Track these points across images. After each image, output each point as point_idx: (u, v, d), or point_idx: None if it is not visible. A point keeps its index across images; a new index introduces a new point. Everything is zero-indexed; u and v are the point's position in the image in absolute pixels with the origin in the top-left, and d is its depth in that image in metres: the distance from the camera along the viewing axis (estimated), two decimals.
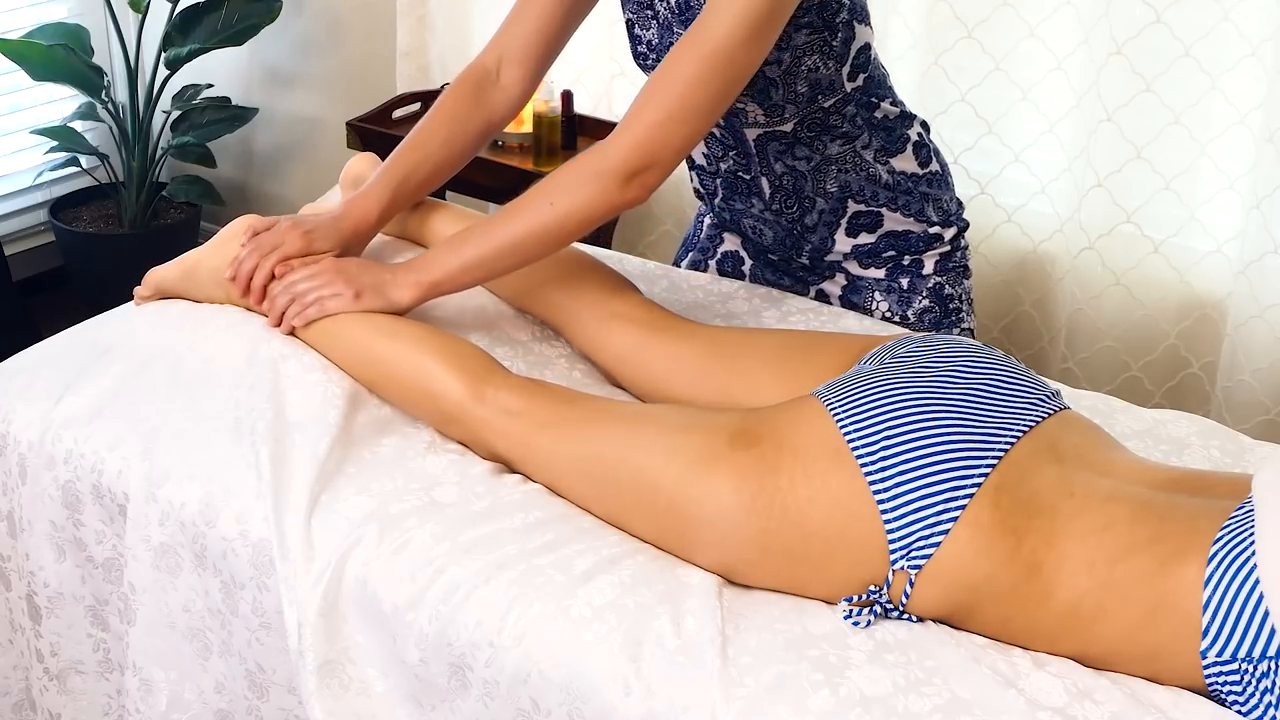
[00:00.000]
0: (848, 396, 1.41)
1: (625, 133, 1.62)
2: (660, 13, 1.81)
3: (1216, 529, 1.27)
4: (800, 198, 1.90)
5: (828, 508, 1.35)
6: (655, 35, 1.83)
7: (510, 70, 1.85)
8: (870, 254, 1.93)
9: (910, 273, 1.94)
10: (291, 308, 1.65)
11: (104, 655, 1.64)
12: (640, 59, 1.88)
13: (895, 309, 1.94)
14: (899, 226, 1.92)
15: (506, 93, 1.85)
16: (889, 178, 1.89)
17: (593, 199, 1.62)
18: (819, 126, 1.83)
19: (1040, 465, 1.36)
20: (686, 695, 1.27)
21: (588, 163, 1.63)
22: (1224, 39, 2.34)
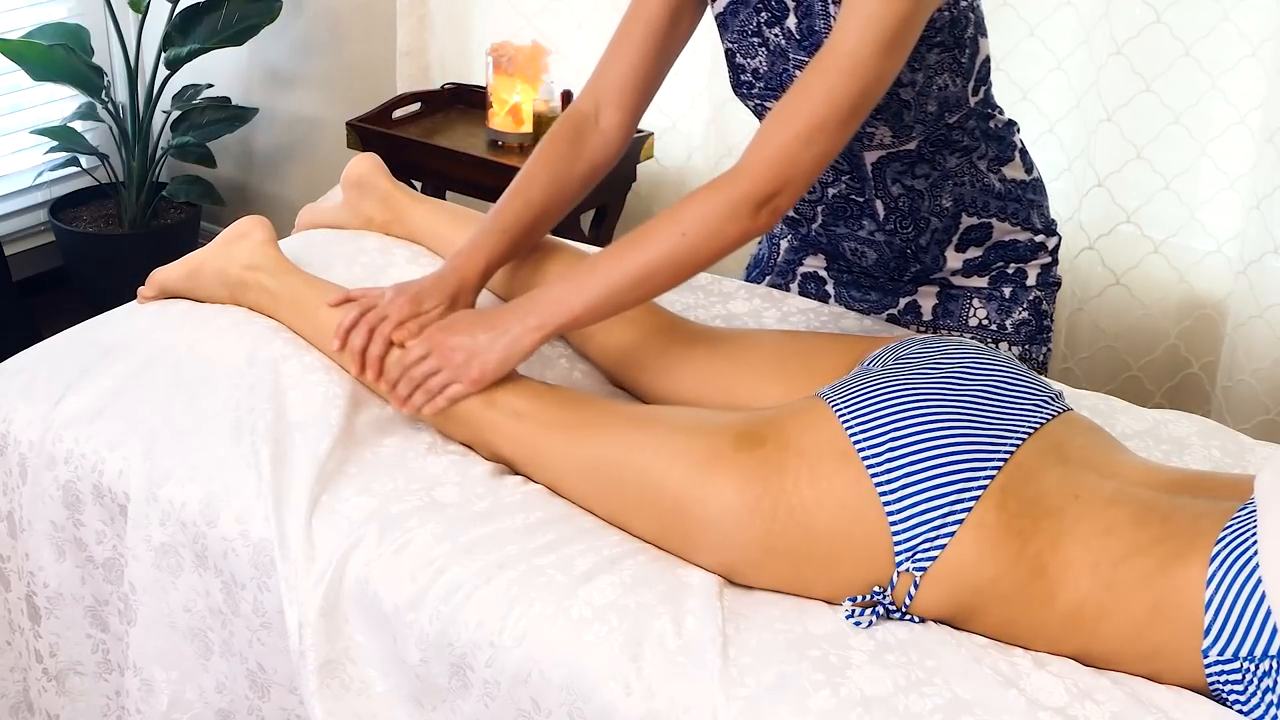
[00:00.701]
0: (853, 398, 1.41)
1: (756, 156, 1.56)
2: (771, 40, 1.76)
3: (1219, 529, 1.28)
4: (916, 218, 1.85)
5: (833, 509, 1.35)
6: (764, 63, 1.78)
7: (609, 113, 1.78)
8: (978, 265, 1.90)
9: (1014, 282, 1.90)
10: (417, 396, 1.55)
11: (103, 656, 1.64)
12: (744, 88, 1.82)
13: (994, 318, 1.90)
14: (1007, 236, 1.89)
15: (606, 136, 1.78)
16: (1001, 186, 1.87)
17: (726, 228, 1.55)
18: (941, 142, 1.80)
19: (1046, 467, 1.36)
20: (687, 695, 1.27)
21: (719, 192, 1.56)
22: (1224, 39, 2.34)
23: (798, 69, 1.74)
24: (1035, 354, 1.94)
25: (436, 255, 1.91)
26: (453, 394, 1.54)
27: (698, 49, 2.82)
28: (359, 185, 1.99)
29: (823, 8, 1.69)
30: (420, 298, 1.63)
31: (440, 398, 1.54)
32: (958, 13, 1.70)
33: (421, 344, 1.57)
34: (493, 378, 1.54)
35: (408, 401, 1.56)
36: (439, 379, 1.55)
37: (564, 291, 1.56)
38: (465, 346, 1.54)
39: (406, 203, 1.96)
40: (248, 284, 1.74)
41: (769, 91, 1.79)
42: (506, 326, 1.55)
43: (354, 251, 1.90)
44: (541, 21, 3.00)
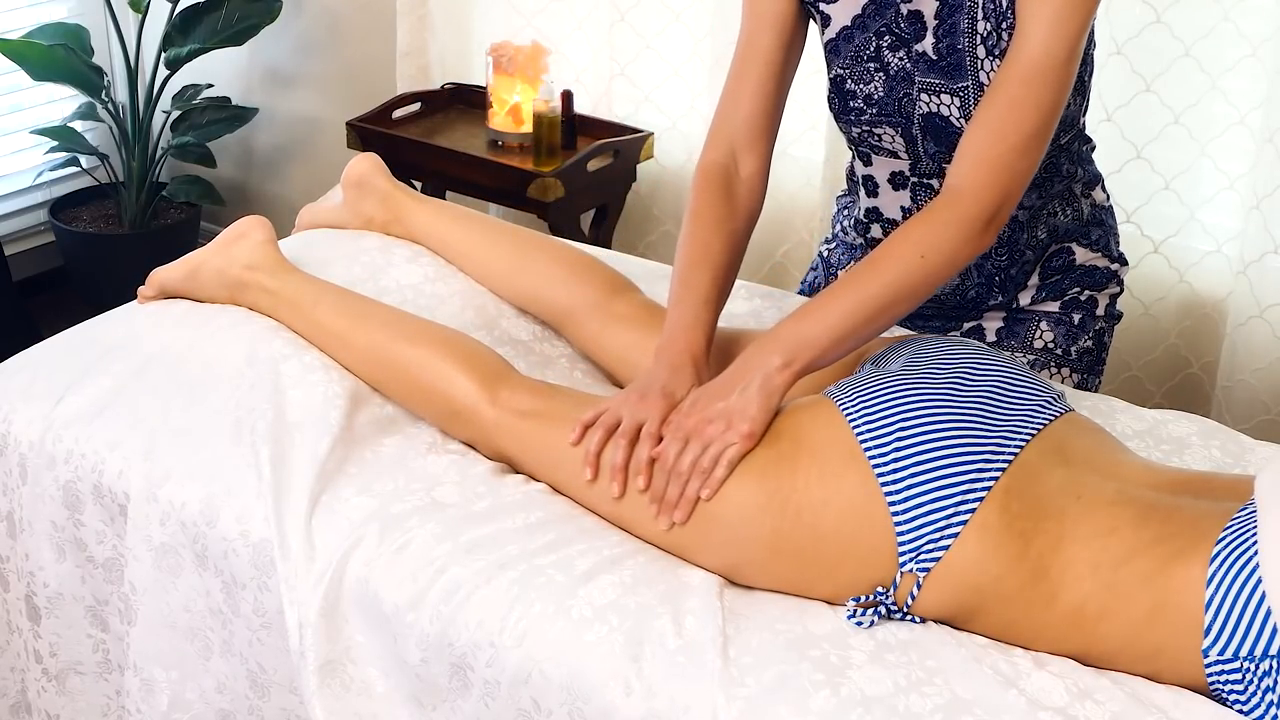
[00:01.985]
0: (860, 397, 1.41)
1: (975, 174, 1.55)
2: (892, 65, 1.72)
3: (1219, 530, 1.28)
4: (1013, 248, 1.83)
5: (841, 511, 1.35)
6: (881, 88, 1.74)
7: (746, 160, 1.73)
8: (1053, 288, 1.88)
9: (1085, 310, 1.88)
10: (691, 484, 1.41)
11: (103, 656, 1.64)
12: (852, 114, 1.78)
13: (1060, 342, 1.88)
14: (1088, 262, 1.88)
15: (750, 182, 1.73)
16: (1090, 212, 1.86)
17: (961, 249, 1.54)
18: (1052, 167, 1.78)
19: (1049, 468, 1.36)
20: (687, 695, 1.27)
21: (946, 214, 1.54)
22: (1224, 39, 2.34)
23: (924, 93, 1.71)
24: (1090, 384, 1.92)
25: (437, 255, 1.91)
26: (730, 458, 1.41)
27: (698, 50, 2.83)
28: (359, 185, 1.98)
29: (969, 25, 1.66)
30: (670, 389, 1.51)
31: (719, 469, 1.41)
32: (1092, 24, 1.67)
33: (674, 439, 1.44)
34: (763, 425, 1.43)
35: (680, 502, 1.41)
36: (708, 456, 1.41)
37: (804, 325, 1.50)
38: (720, 413, 1.44)
39: (406, 203, 1.96)
40: (247, 284, 1.74)
41: (882, 117, 1.75)
42: (752, 375, 1.47)
43: (354, 251, 1.90)
44: (541, 21, 3.00)
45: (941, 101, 1.70)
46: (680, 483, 1.41)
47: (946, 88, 1.69)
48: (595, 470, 1.46)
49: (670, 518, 1.42)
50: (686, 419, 1.45)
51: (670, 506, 1.42)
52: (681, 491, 1.41)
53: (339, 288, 1.73)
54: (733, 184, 1.72)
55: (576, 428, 1.49)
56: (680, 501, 1.41)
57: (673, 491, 1.42)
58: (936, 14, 1.67)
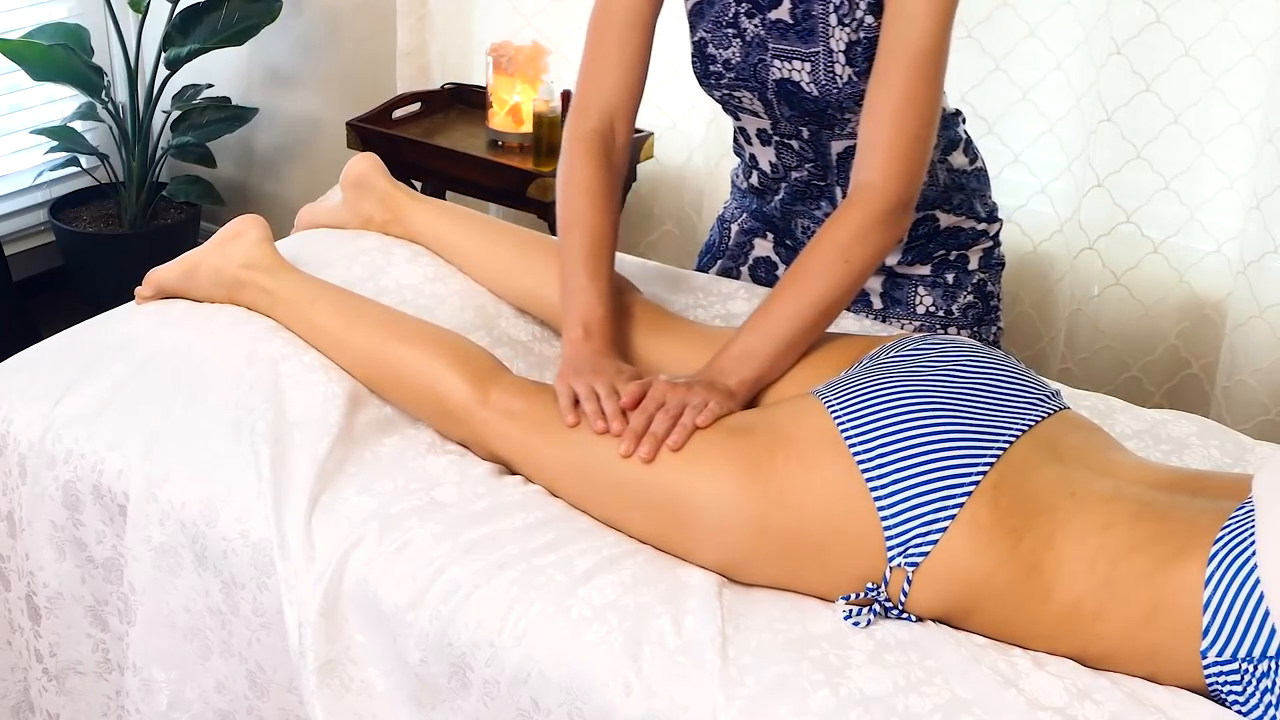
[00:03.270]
0: (845, 393, 1.41)
1: (883, 168, 1.60)
2: (748, 30, 1.78)
3: (1217, 529, 1.28)
4: None
5: (824, 496, 1.35)
6: (738, 54, 1.80)
7: (622, 127, 1.79)
8: (919, 252, 1.94)
9: (956, 268, 1.94)
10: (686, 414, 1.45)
11: (103, 655, 1.64)
12: (712, 78, 1.84)
13: (940, 304, 1.94)
14: (950, 224, 1.92)
15: (624, 152, 1.79)
16: (946, 177, 1.89)
17: (883, 242, 1.61)
18: None
19: (1040, 464, 1.36)
20: (687, 695, 1.27)
21: (863, 212, 1.60)
22: (1224, 39, 2.34)
23: (776, 59, 1.77)
24: (985, 335, 1.97)
25: (436, 255, 1.91)
26: (713, 410, 1.46)
27: None
28: (358, 185, 1.99)
29: None
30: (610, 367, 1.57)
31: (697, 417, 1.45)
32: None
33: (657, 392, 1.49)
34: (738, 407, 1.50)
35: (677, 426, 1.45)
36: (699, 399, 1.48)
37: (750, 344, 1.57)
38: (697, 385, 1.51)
39: (406, 202, 1.96)
40: (244, 283, 1.74)
41: (739, 82, 1.82)
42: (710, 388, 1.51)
43: (353, 251, 1.90)
44: (541, 21, 3.00)
45: (793, 68, 1.76)
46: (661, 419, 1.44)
47: (799, 54, 1.75)
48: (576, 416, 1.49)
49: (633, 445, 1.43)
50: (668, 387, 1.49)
51: (635, 436, 1.44)
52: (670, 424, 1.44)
53: (335, 287, 1.73)
54: (610, 154, 1.77)
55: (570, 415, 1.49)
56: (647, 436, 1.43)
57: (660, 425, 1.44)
58: None
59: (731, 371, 1.55)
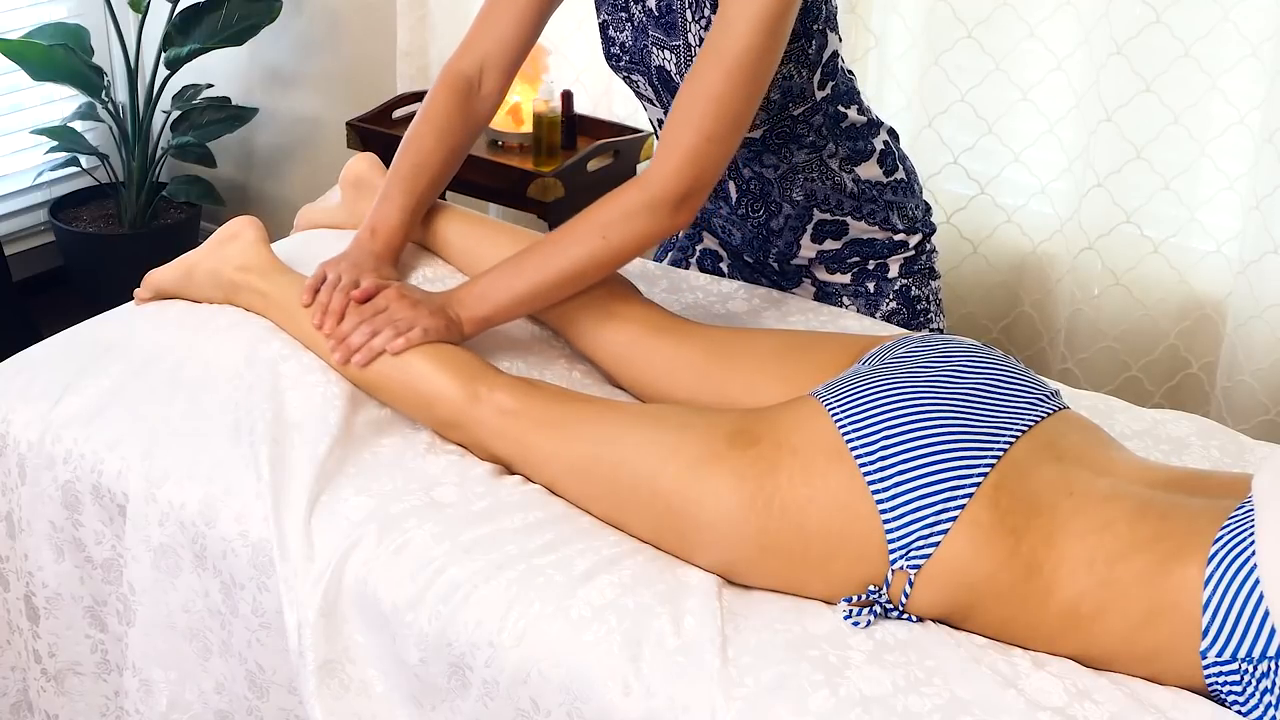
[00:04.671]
0: (846, 397, 1.41)
1: (667, 160, 1.63)
2: (635, 16, 1.82)
3: (1216, 529, 1.27)
4: (767, 202, 1.92)
5: (827, 507, 1.35)
6: (629, 38, 1.84)
7: (492, 78, 1.86)
8: (835, 259, 1.96)
9: (876, 276, 1.96)
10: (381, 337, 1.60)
11: (102, 656, 1.64)
12: (613, 60, 1.90)
13: (865, 311, 1.96)
14: (864, 235, 1.94)
15: (489, 101, 1.87)
16: (854, 186, 1.91)
17: (646, 229, 1.64)
18: (786, 135, 1.85)
19: (1040, 464, 1.36)
20: (686, 695, 1.27)
21: (636, 195, 1.64)
22: (1224, 39, 2.34)
23: (655, 46, 1.80)
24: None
25: (434, 254, 1.91)
26: (414, 338, 1.59)
27: None
28: (357, 185, 1.98)
29: None
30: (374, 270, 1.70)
31: (400, 340, 1.59)
32: (810, 2, 1.74)
33: (384, 297, 1.63)
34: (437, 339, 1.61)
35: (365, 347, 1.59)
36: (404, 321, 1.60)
37: (493, 290, 1.66)
38: (415, 302, 1.62)
39: None
40: (239, 285, 1.74)
41: (634, 65, 1.86)
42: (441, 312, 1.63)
43: None
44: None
45: (664, 56, 1.81)
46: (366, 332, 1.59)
47: (666, 44, 1.79)
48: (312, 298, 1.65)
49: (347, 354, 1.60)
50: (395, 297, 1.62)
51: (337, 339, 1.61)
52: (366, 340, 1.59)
53: None
54: (470, 97, 1.85)
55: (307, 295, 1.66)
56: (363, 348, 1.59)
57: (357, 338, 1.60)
58: None
59: (466, 305, 1.64)
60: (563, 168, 2.76)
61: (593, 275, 1.67)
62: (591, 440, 1.48)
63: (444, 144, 1.83)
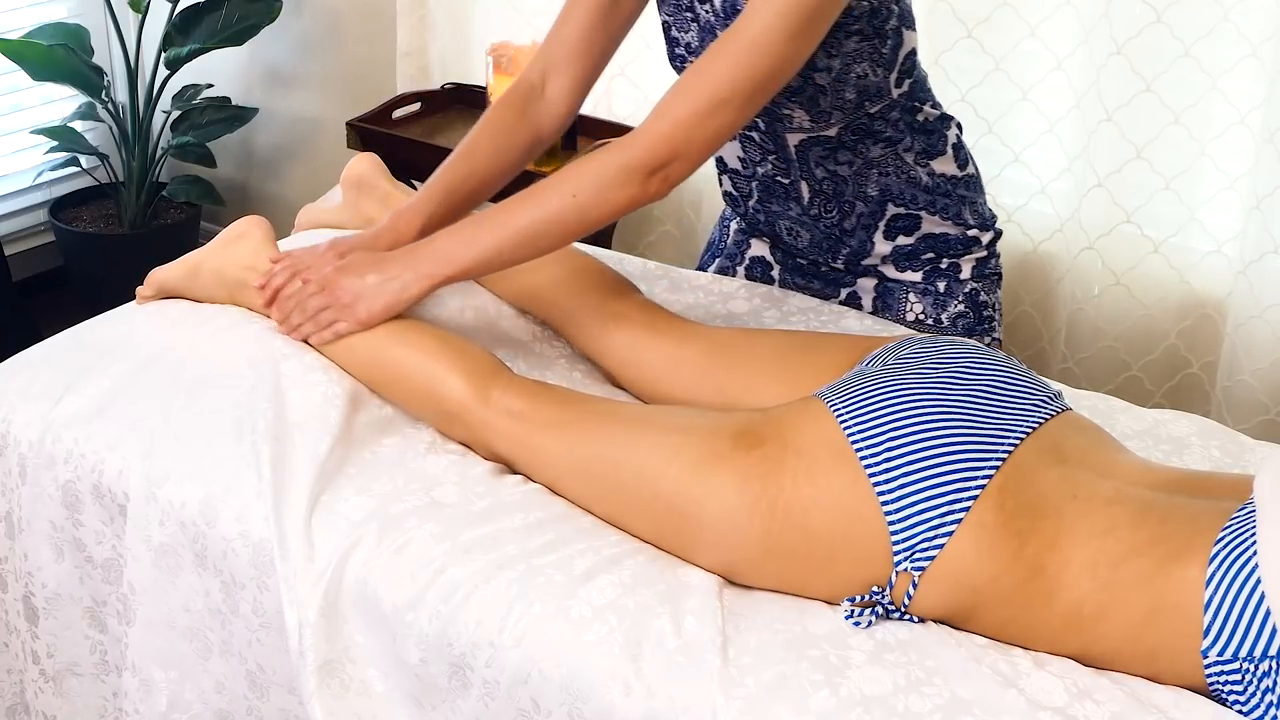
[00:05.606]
0: (851, 398, 1.41)
1: (651, 126, 1.60)
2: (701, 15, 1.79)
3: (1218, 529, 1.28)
4: (840, 201, 1.88)
5: (831, 509, 1.35)
6: (695, 38, 1.81)
7: (555, 83, 1.82)
8: (908, 256, 1.92)
9: (947, 276, 1.93)
10: (306, 325, 1.64)
11: (101, 657, 1.64)
12: (678, 61, 1.86)
13: (930, 311, 1.93)
14: (937, 229, 1.91)
15: (553, 106, 1.82)
16: (929, 180, 1.88)
17: (616, 193, 1.60)
18: (863, 131, 1.82)
19: (1044, 467, 1.36)
20: (687, 695, 1.27)
21: (612, 156, 1.60)
22: (1224, 39, 2.34)
23: None
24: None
25: None
26: (338, 330, 1.61)
27: None
28: (358, 185, 1.99)
29: None
30: (350, 254, 1.67)
31: (327, 332, 1.62)
32: (878, 3, 1.71)
33: (317, 281, 1.63)
34: (378, 320, 1.61)
35: (297, 329, 1.63)
36: (327, 314, 1.62)
37: (455, 244, 1.62)
38: (354, 288, 1.61)
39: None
40: (246, 284, 1.74)
41: None
42: (396, 273, 1.61)
43: None
44: (541, 21, 3.00)
45: None
46: (302, 316, 1.63)
47: None
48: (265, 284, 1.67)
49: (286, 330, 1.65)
50: (334, 273, 1.63)
51: (289, 327, 1.64)
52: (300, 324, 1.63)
53: None
54: (532, 101, 1.82)
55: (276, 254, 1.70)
56: (294, 330, 1.64)
57: (295, 318, 1.64)
58: None
59: (426, 263, 1.61)
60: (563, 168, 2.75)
61: (557, 236, 1.62)
62: (595, 441, 1.48)
63: (492, 142, 1.79)
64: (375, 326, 1.61)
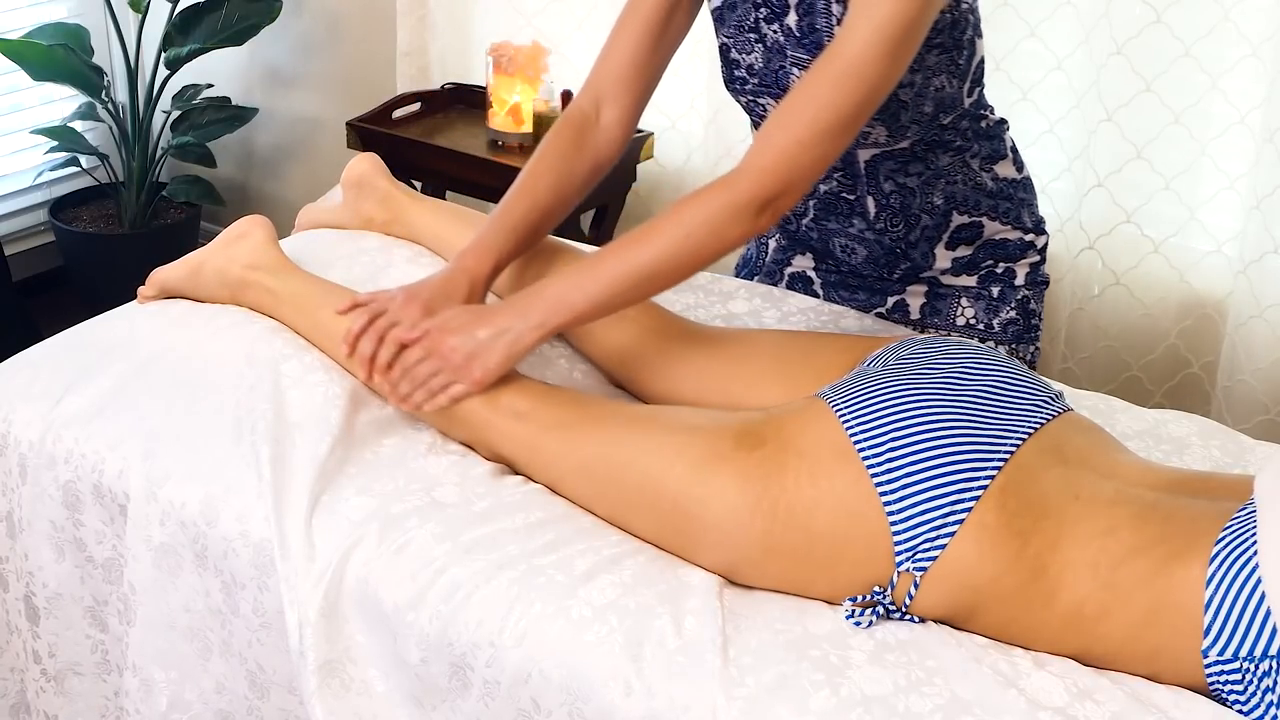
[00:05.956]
0: (854, 398, 1.41)
1: (758, 159, 1.56)
2: (769, 37, 1.76)
3: (1218, 530, 1.28)
4: (907, 215, 1.86)
5: (833, 509, 1.35)
6: (760, 60, 1.78)
7: (609, 109, 1.79)
8: (967, 263, 1.91)
9: (1002, 281, 1.91)
10: (418, 393, 1.54)
11: (102, 656, 1.64)
12: (737, 84, 1.82)
13: (981, 317, 1.91)
14: (998, 235, 1.89)
15: (608, 132, 1.79)
16: (993, 185, 1.87)
17: (729, 231, 1.55)
18: (934, 142, 1.80)
19: (1046, 467, 1.36)
20: (687, 695, 1.27)
21: (721, 195, 1.56)
22: (1224, 39, 2.34)
23: (795, 66, 1.74)
24: (1022, 353, 1.94)
25: (437, 255, 1.91)
26: (454, 394, 1.53)
27: (697, 49, 2.82)
28: (359, 185, 1.99)
29: (824, 5, 1.69)
30: (431, 303, 1.60)
31: (442, 396, 1.54)
32: (958, 15, 1.70)
33: (421, 346, 1.55)
34: (495, 377, 1.53)
35: (408, 399, 1.55)
36: (440, 379, 1.54)
37: (565, 289, 1.55)
38: (465, 346, 1.53)
39: (406, 203, 1.96)
40: (248, 284, 1.74)
41: (763, 88, 1.79)
42: (507, 325, 1.54)
43: (354, 251, 1.90)
44: (541, 21, 3.00)
45: None
46: (412, 384, 1.55)
47: (810, 64, 1.71)
48: (351, 348, 1.58)
49: (397, 404, 1.57)
50: (437, 334, 1.55)
51: (397, 398, 1.56)
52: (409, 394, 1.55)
53: (340, 288, 1.73)
54: (586, 129, 1.78)
55: (348, 301, 1.62)
56: (406, 400, 1.56)
57: (403, 388, 1.56)
58: None
59: (540, 313, 1.55)
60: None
61: (671, 277, 1.57)
62: (598, 441, 1.48)
63: (553, 174, 1.74)
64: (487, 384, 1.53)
